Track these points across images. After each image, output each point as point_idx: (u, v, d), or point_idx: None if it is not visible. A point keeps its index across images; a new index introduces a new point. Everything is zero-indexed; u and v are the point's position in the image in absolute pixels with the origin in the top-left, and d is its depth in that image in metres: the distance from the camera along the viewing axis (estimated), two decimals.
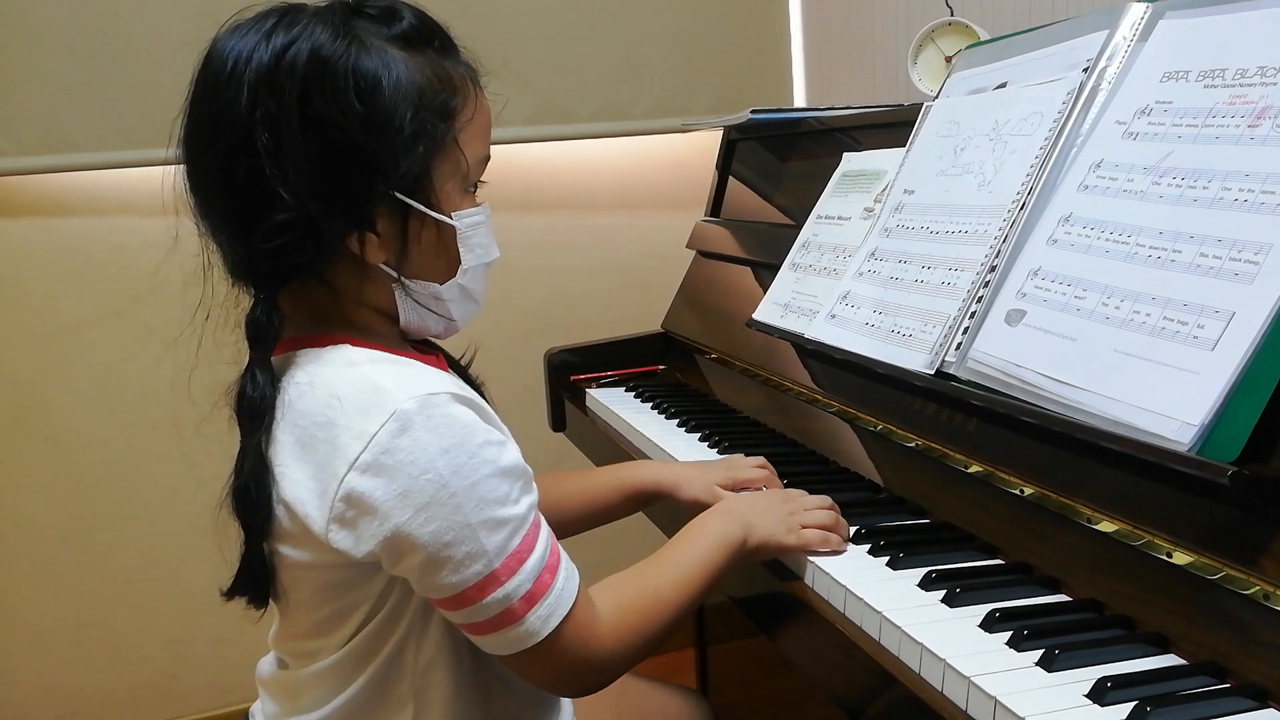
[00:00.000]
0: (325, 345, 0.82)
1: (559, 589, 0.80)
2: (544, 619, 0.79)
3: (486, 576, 0.77)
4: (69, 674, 2.01)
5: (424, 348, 0.92)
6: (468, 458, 0.76)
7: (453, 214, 0.84)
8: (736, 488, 1.08)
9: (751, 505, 0.99)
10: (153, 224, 1.88)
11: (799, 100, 2.34)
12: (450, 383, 0.80)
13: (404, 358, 0.84)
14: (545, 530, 0.82)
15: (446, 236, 0.84)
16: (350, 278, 0.83)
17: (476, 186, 0.87)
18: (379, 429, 0.75)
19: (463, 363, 0.98)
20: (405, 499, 0.74)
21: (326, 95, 0.76)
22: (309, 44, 0.77)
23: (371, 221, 0.80)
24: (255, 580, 0.83)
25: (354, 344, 0.82)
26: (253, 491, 0.78)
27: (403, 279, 0.83)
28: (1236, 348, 0.73)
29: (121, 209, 1.93)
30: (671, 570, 0.90)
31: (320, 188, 0.77)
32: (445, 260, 0.85)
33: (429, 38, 0.83)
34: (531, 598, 0.78)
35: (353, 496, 0.75)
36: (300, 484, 0.77)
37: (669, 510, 1.14)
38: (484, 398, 0.87)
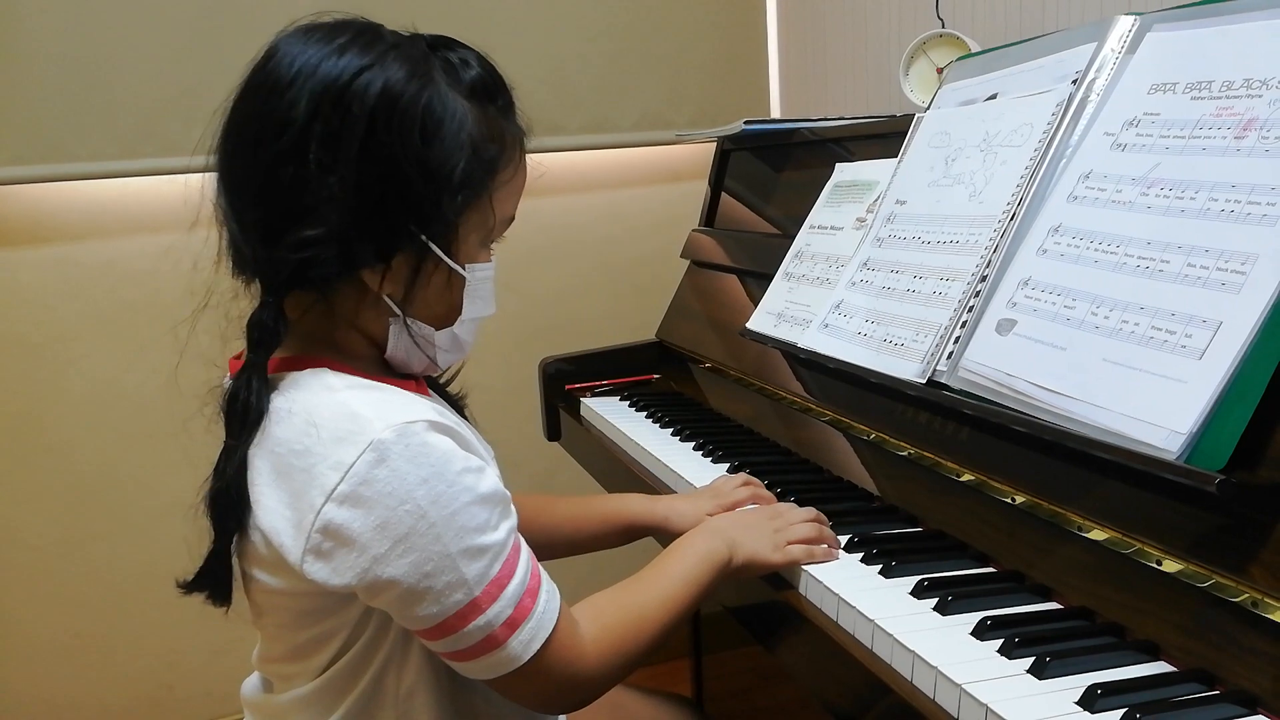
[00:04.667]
0: (305, 368, 0.81)
1: (540, 612, 0.79)
2: (526, 643, 0.79)
3: (467, 605, 0.76)
4: (64, 685, 2.01)
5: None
6: (446, 486, 0.75)
7: (466, 265, 0.84)
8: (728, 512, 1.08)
9: (737, 523, 0.99)
10: (146, 233, 1.88)
11: (776, 112, 2.36)
12: (428, 409, 0.79)
13: (382, 383, 0.83)
14: (525, 553, 0.81)
15: (455, 285, 0.84)
16: (350, 300, 0.82)
17: (494, 244, 0.88)
18: (356, 459, 0.74)
19: (443, 379, 0.97)
20: (383, 530, 0.74)
21: (393, 128, 0.77)
22: (384, 75, 0.77)
23: (390, 255, 0.80)
24: (216, 578, 0.83)
25: (334, 368, 0.81)
26: (232, 494, 0.78)
27: (405, 316, 0.83)
28: (1224, 357, 0.74)
29: (115, 219, 1.92)
30: (655, 588, 0.90)
31: (361, 214, 0.77)
32: (445, 307, 0.85)
33: (494, 94, 0.85)
34: (513, 623, 0.78)
35: (330, 528, 0.74)
36: (276, 513, 0.77)
37: None
38: (466, 412, 0.86)
